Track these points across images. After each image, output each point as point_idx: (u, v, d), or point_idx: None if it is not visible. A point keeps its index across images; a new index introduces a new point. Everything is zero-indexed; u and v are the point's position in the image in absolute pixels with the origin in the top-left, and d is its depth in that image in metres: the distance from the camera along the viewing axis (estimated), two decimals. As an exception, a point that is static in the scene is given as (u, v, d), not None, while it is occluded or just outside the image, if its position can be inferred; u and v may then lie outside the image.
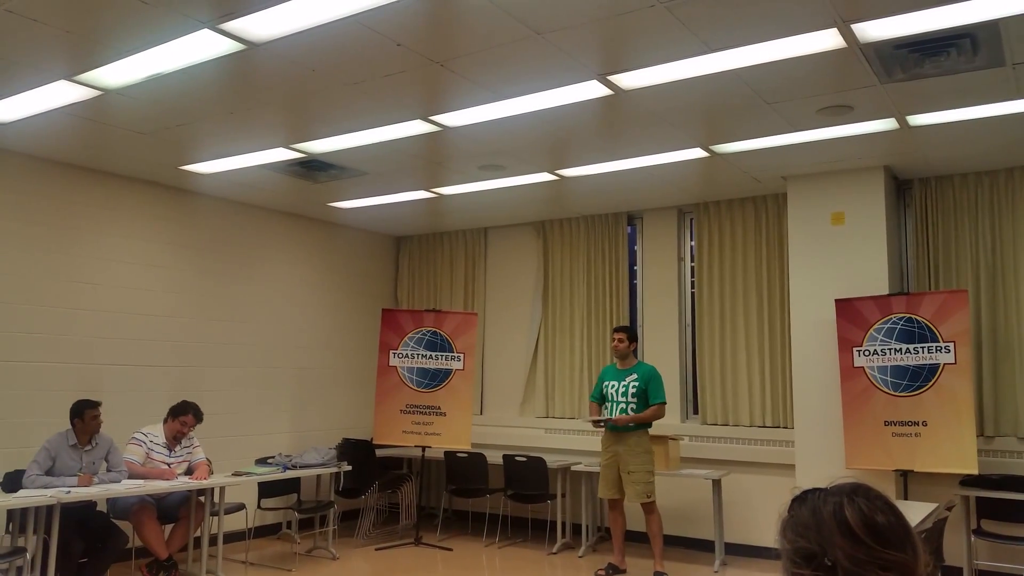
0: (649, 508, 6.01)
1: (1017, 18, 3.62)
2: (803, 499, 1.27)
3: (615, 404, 6.13)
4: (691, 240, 7.42)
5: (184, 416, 5.82)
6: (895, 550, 1.18)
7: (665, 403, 6.10)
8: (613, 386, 6.20)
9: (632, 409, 6.03)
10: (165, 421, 5.88)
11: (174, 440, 5.85)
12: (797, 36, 3.80)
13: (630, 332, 6.29)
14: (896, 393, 5.65)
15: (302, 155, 5.85)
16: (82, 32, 3.83)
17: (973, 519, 5.60)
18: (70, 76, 4.36)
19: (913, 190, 6.35)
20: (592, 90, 4.48)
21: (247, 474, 6.06)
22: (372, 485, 7.44)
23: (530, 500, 7.10)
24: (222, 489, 5.83)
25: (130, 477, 5.47)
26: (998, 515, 5.51)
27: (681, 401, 7.24)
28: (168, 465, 5.77)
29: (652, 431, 6.39)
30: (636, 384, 6.09)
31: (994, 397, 5.87)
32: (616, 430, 6.09)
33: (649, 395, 6.06)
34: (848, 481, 1.28)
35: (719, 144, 5.53)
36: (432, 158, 5.96)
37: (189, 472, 5.84)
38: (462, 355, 7.46)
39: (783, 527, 1.27)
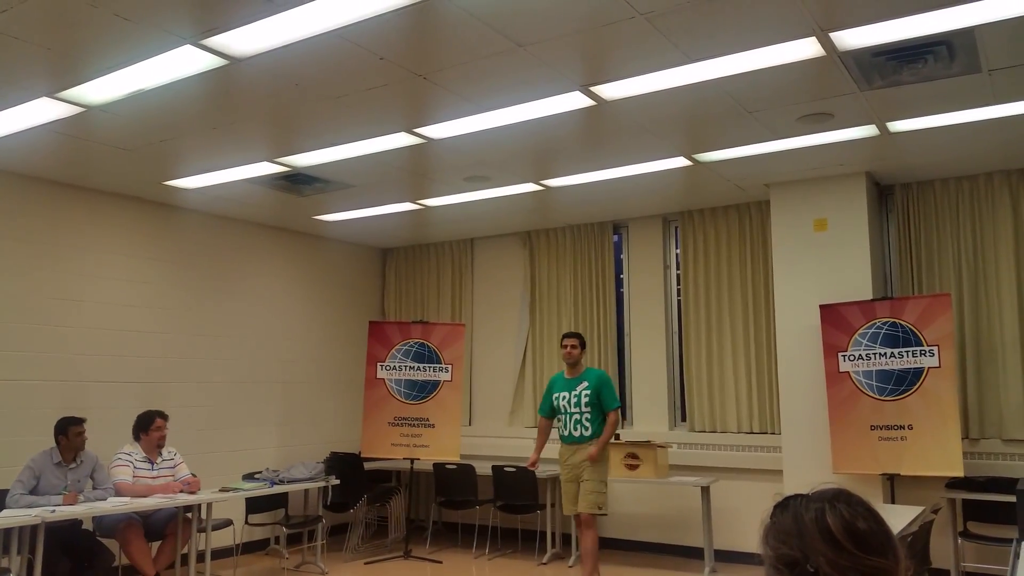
0: (589, 522, 5.69)
1: (991, 25, 3.67)
2: (785, 505, 1.28)
3: (568, 416, 5.84)
4: (676, 248, 7.46)
5: (155, 423, 5.79)
6: (877, 556, 1.19)
7: (619, 407, 5.85)
8: (564, 397, 5.89)
9: (587, 418, 5.76)
10: (139, 439, 5.82)
11: (158, 448, 5.82)
12: (776, 45, 3.84)
13: (582, 339, 6.04)
14: (881, 397, 5.69)
15: (287, 169, 5.84)
16: (63, 49, 3.82)
17: (959, 521, 5.63)
18: (52, 93, 4.34)
19: (895, 196, 6.41)
20: (575, 101, 4.51)
21: (234, 490, 6.02)
22: (361, 499, 7.40)
23: (520, 511, 7.10)
24: (209, 505, 5.79)
25: (122, 495, 5.43)
26: (984, 517, 5.55)
27: (669, 408, 7.26)
28: (153, 480, 5.73)
29: (637, 437, 6.37)
30: (588, 392, 5.80)
31: (978, 400, 5.91)
32: (572, 442, 5.83)
33: (603, 402, 5.79)
34: (830, 487, 1.29)
35: (702, 153, 5.57)
36: (417, 170, 5.97)
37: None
38: (450, 366, 7.46)
39: (765, 534, 1.27)
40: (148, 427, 5.79)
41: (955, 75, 4.24)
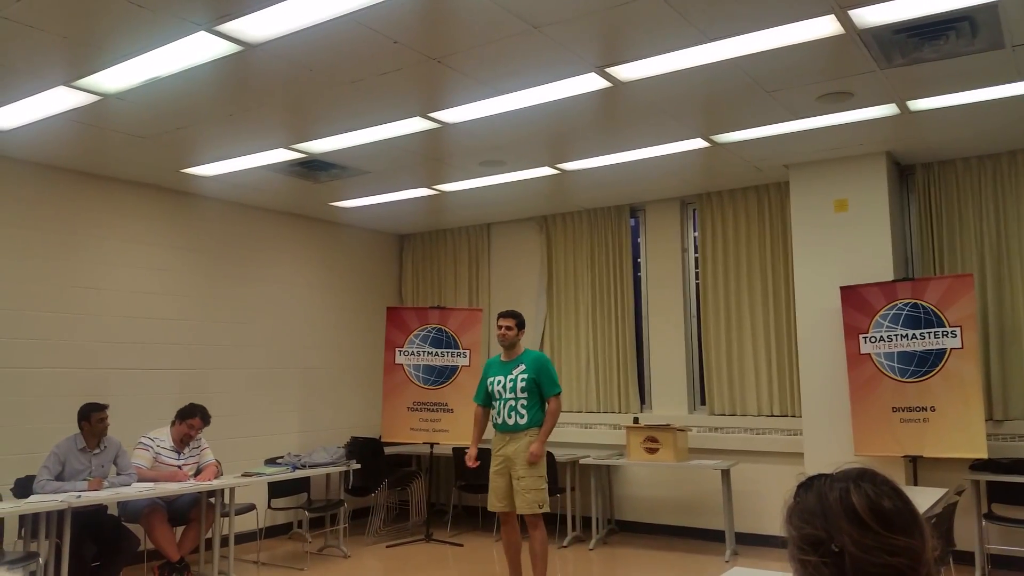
0: (535, 523, 5.19)
1: (1015, 0, 3.60)
2: (809, 485, 1.26)
3: (503, 402, 5.31)
4: (694, 231, 7.41)
5: (191, 419, 5.82)
6: (902, 535, 1.18)
7: (560, 393, 5.37)
8: (499, 381, 5.35)
9: (523, 405, 5.25)
10: (172, 424, 5.88)
11: (181, 443, 5.85)
12: (795, 23, 3.79)
13: (519, 319, 5.44)
14: (903, 379, 5.64)
15: (303, 155, 5.85)
16: (80, 37, 3.83)
17: (984, 503, 5.58)
18: (69, 82, 4.37)
19: (916, 175, 6.32)
20: (591, 83, 4.47)
21: (257, 475, 6.08)
22: (381, 483, 7.45)
23: (539, 494, 7.09)
24: (232, 490, 5.84)
25: (139, 481, 5.49)
26: (1009, 499, 5.50)
27: (688, 392, 7.24)
28: (178, 467, 5.78)
29: (656, 420, 6.31)
30: (525, 376, 5.27)
31: (1002, 381, 5.85)
32: (507, 430, 5.33)
33: (542, 387, 5.28)
34: (854, 466, 1.28)
35: (720, 134, 5.52)
36: (432, 155, 5.95)
37: (198, 474, 5.85)
38: (468, 351, 7.48)
39: (789, 513, 1.26)
40: (184, 419, 5.82)
41: (978, 51, 4.16)
